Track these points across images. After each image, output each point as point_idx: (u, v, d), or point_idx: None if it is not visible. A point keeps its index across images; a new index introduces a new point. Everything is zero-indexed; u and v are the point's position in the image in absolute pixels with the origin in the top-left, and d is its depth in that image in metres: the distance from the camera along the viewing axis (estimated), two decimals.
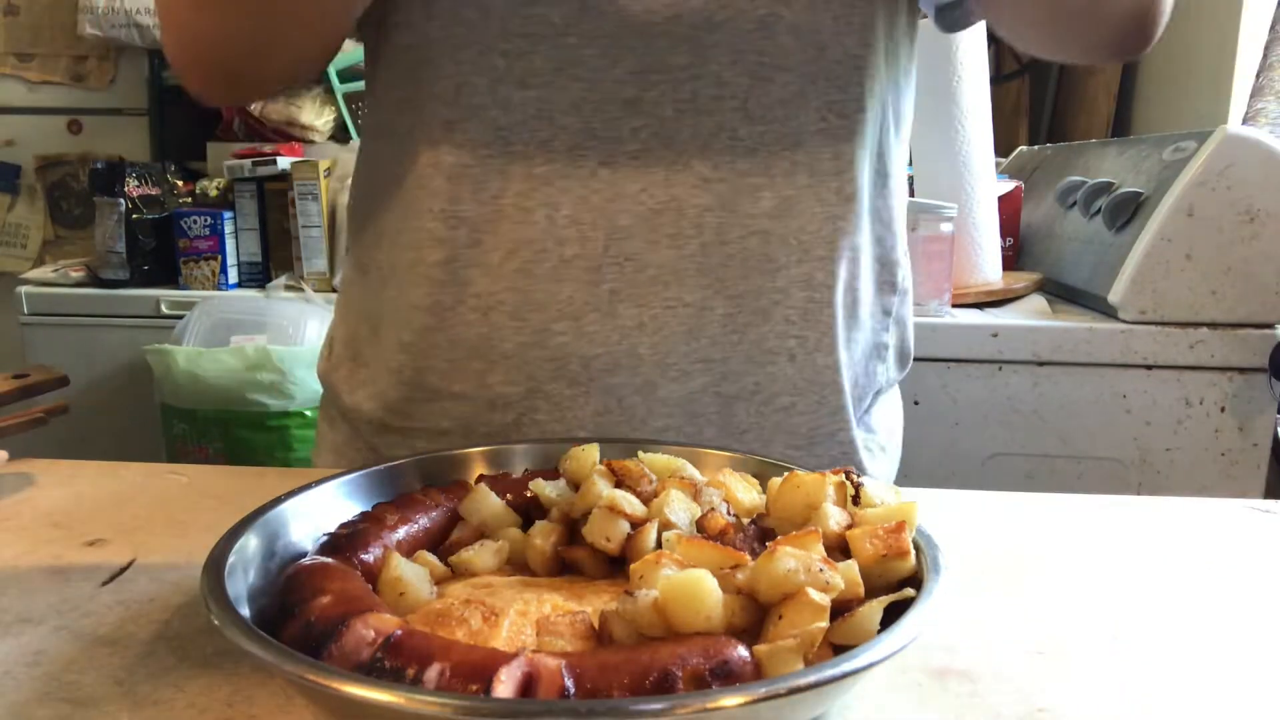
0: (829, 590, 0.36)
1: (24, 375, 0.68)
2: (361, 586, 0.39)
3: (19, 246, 2.88)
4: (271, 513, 0.44)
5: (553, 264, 0.66)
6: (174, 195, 2.22)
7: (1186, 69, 2.11)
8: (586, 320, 0.67)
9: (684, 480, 0.48)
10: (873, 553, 0.40)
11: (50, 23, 2.81)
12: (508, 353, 0.68)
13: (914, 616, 0.35)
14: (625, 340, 0.67)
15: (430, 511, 0.48)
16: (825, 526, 0.41)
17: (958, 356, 1.50)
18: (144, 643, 0.42)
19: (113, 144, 2.82)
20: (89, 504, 0.61)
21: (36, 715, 0.37)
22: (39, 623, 0.44)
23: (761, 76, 0.65)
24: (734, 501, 0.47)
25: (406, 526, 0.47)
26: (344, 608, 0.36)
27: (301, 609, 0.36)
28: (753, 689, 0.31)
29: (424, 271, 0.69)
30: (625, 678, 0.32)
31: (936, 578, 0.38)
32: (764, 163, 0.66)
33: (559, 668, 0.32)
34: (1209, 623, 0.51)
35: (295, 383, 1.83)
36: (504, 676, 0.31)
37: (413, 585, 0.41)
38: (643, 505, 0.45)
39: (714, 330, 0.68)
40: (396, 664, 0.33)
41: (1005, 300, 1.65)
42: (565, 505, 0.47)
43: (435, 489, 0.51)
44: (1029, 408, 1.48)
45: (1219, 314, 1.43)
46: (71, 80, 2.84)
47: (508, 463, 0.55)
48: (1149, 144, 1.61)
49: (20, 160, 2.85)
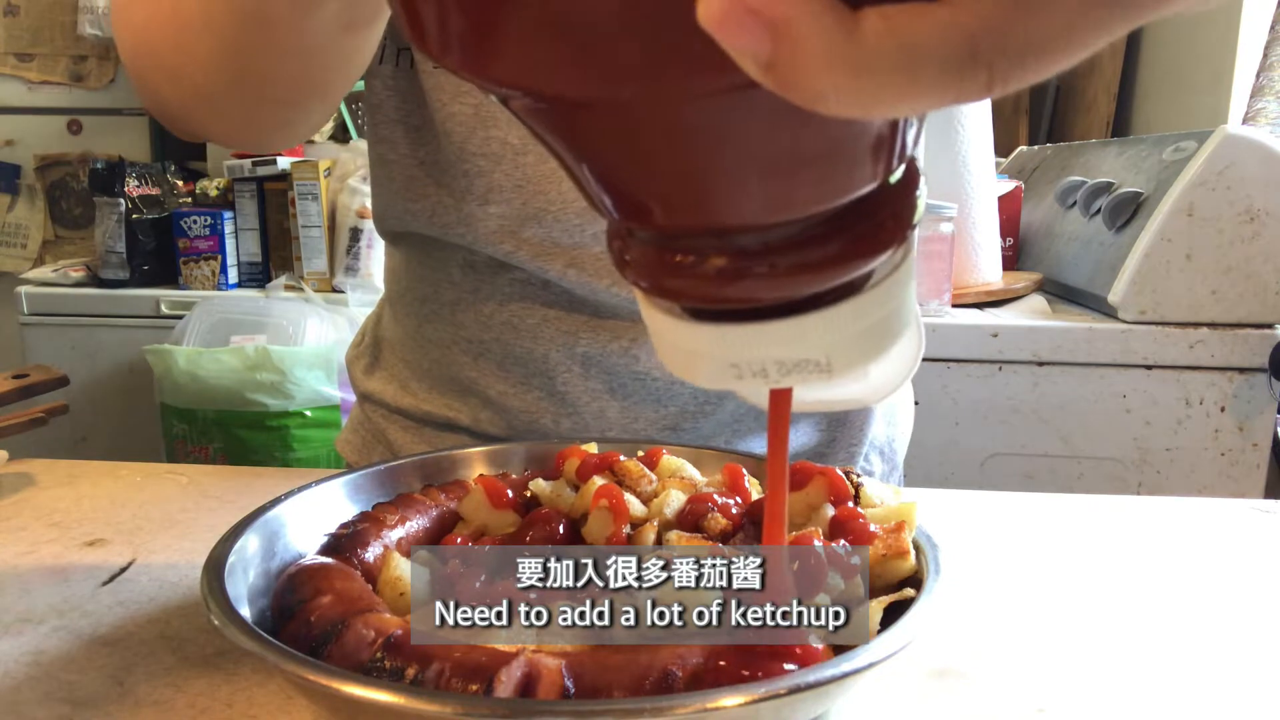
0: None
1: (24, 375, 0.68)
2: (361, 586, 0.39)
3: (19, 246, 2.88)
4: (271, 513, 0.44)
5: (536, 321, 0.67)
6: (174, 195, 2.22)
7: (1186, 69, 2.11)
8: (559, 380, 0.67)
9: (684, 480, 0.48)
10: (872, 553, 0.40)
11: (50, 23, 2.81)
12: (492, 399, 0.70)
13: (913, 617, 0.35)
14: (595, 402, 0.67)
15: (430, 511, 0.48)
16: (823, 526, 0.41)
17: (958, 356, 1.50)
18: (144, 643, 0.42)
19: (113, 144, 2.82)
20: (89, 504, 0.61)
21: (36, 715, 0.37)
22: (39, 623, 0.44)
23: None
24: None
25: (406, 526, 0.46)
26: (344, 608, 0.36)
27: (301, 609, 0.36)
28: (752, 688, 0.31)
29: (432, 308, 0.71)
30: (625, 677, 0.32)
31: (936, 577, 0.38)
32: None
33: (559, 668, 0.32)
34: (1209, 623, 0.51)
35: (295, 383, 1.83)
36: (504, 677, 0.32)
37: (413, 585, 0.41)
38: (643, 505, 0.45)
39: (683, 401, 0.68)
40: (396, 664, 0.33)
41: (1005, 300, 1.65)
42: (565, 505, 0.47)
43: (435, 488, 0.51)
44: (1029, 408, 1.48)
45: (1219, 314, 1.43)
46: (71, 80, 2.84)
47: (508, 463, 0.55)
48: (1149, 144, 1.61)
49: (20, 160, 2.85)
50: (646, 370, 0.67)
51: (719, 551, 0.38)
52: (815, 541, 0.37)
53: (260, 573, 0.41)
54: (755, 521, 0.44)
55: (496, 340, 0.68)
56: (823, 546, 0.37)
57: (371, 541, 0.44)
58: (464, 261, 0.68)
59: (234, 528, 0.42)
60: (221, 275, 2.10)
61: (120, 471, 0.67)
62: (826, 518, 0.41)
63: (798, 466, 0.44)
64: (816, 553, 0.36)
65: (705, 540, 0.41)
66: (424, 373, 0.73)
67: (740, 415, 0.69)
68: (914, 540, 0.41)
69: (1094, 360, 1.46)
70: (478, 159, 0.63)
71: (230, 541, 0.40)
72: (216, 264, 2.09)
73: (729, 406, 0.67)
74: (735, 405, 0.67)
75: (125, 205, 2.08)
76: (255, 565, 0.41)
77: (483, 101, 0.63)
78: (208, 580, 0.37)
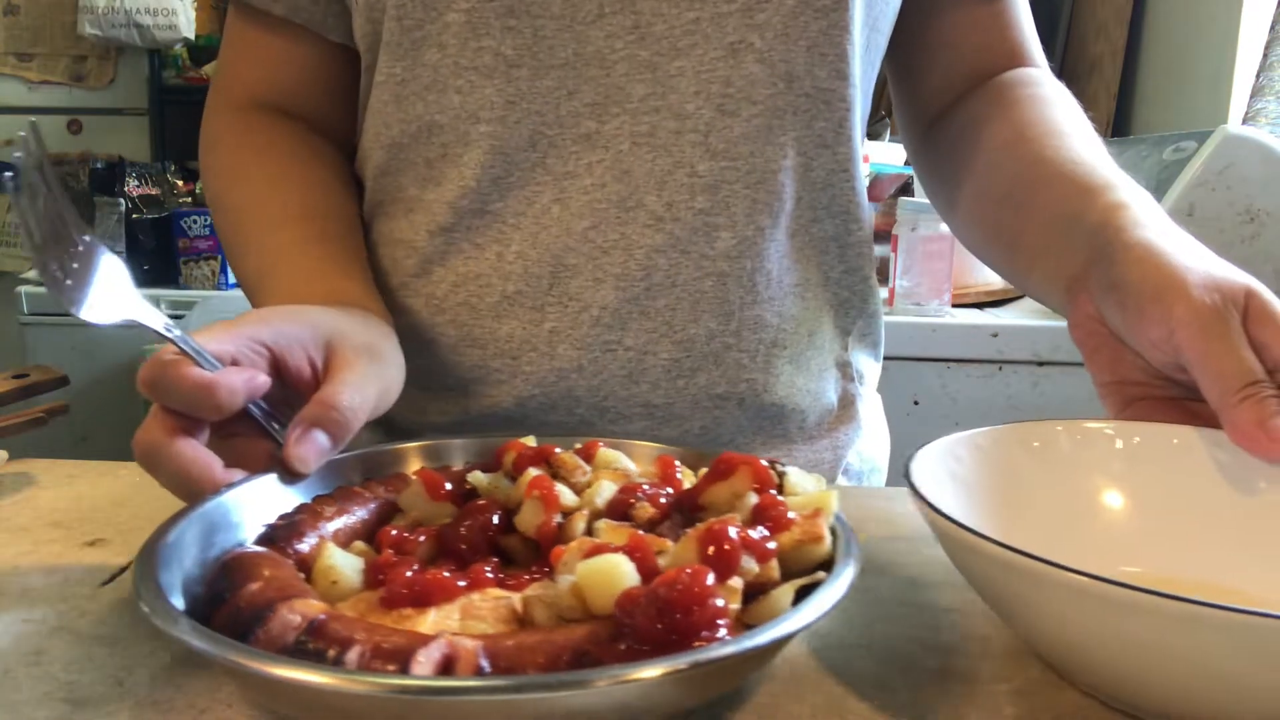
0: (743, 574, 0.38)
1: (24, 375, 0.68)
2: (291, 573, 0.40)
3: (19, 246, 2.88)
4: (210, 504, 0.45)
5: (495, 299, 0.65)
6: (174, 195, 2.22)
7: (1186, 69, 2.11)
8: (524, 360, 0.65)
9: (617, 471, 0.49)
10: (788, 538, 0.41)
11: (50, 23, 2.82)
12: (449, 384, 0.68)
13: (821, 597, 0.37)
14: (562, 382, 0.65)
15: (368, 503, 0.49)
16: (745, 514, 0.42)
17: (958, 356, 1.50)
18: (144, 642, 0.42)
19: (113, 144, 2.82)
20: (89, 504, 0.61)
21: (36, 715, 0.37)
22: (39, 623, 0.44)
23: (727, 110, 0.62)
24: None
25: (344, 518, 0.47)
26: (272, 594, 0.37)
27: (232, 595, 0.37)
28: (656, 664, 0.31)
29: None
30: (540, 657, 0.33)
31: (848, 562, 0.39)
32: (724, 201, 0.63)
33: (476, 649, 0.33)
34: None
35: None
36: (421, 657, 0.32)
37: (345, 574, 0.41)
38: (575, 496, 0.46)
39: (655, 375, 0.65)
40: (319, 646, 0.34)
41: (1005, 300, 1.65)
42: (502, 495, 0.48)
43: (374, 481, 0.51)
44: (1029, 408, 1.48)
45: None
46: (71, 80, 2.85)
47: (448, 457, 0.56)
48: (1149, 144, 1.62)
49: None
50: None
51: (641, 539, 0.39)
52: (730, 528, 0.38)
53: (197, 562, 0.42)
54: (683, 511, 0.45)
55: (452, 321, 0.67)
56: (737, 532, 0.38)
57: (307, 532, 0.45)
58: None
59: (171, 518, 0.43)
60: (221, 275, 2.10)
61: (120, 471, 0.67)
62: (750, 506, 0.43)
63: (724, 456, 0.45)
64: (731, 538, 0.38)
65: (632, 529, 0.42)
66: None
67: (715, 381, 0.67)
68: (832, 527, 0.42)
69: None
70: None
71: (167, 531, 0.41)
72: (216, 264, 2.09)
73: (700, 380, 0.66)
74: (707, 377, 0.66)
75: (125, 205, 2.08)
76: (192, 555, 0.42)
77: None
78: (140, 568, 0.38)
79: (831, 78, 0.64)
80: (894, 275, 1.59)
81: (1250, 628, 0.31)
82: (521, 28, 0.61)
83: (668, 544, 0.40)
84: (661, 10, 0.61)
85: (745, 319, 0.66)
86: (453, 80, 0.63)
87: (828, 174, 0.67)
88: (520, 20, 0.61)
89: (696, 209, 0.63)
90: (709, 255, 0.64)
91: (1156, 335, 0.50)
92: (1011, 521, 0.47)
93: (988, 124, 0.70)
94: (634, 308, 0.64)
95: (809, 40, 0.62)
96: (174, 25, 2.63)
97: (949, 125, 0.76)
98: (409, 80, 0.64)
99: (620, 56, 0.61)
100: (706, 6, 0.61)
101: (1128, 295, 0.52)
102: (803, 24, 0.62)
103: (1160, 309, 0.50)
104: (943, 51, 0.76)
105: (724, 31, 0.61)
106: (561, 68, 0.62)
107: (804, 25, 0.62)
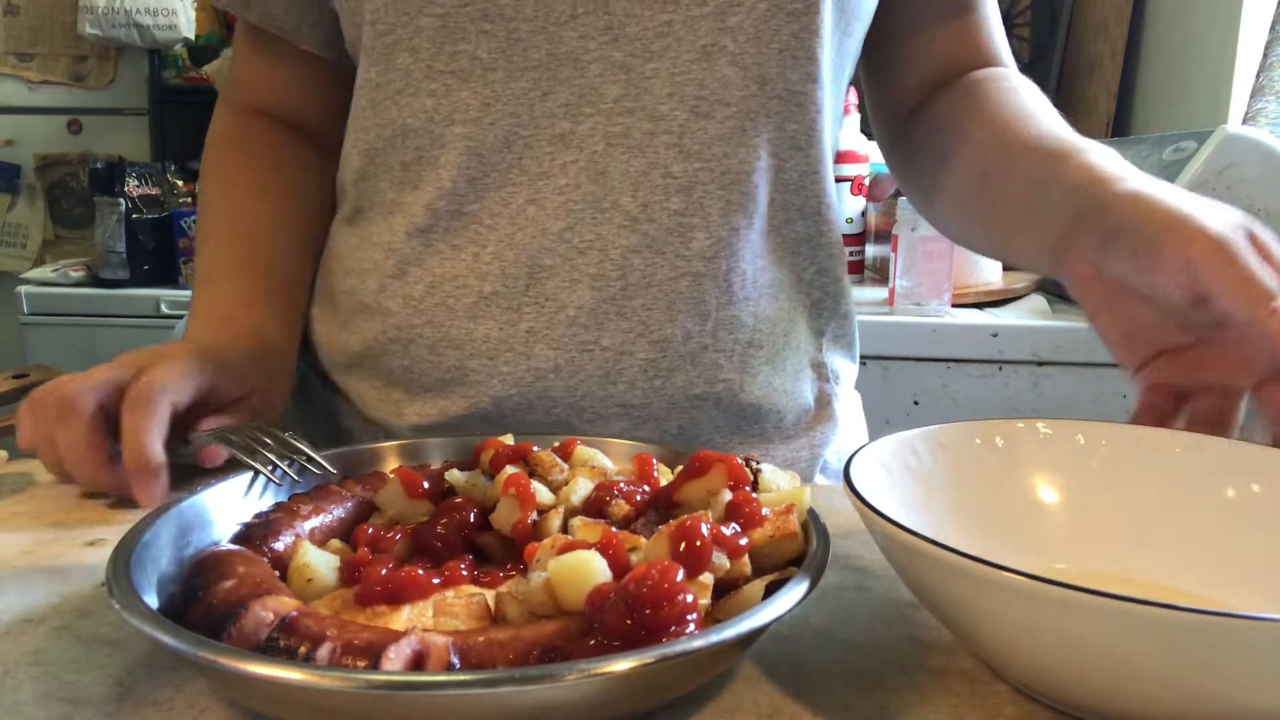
0: (714, 570, 0.38)
1: (24, 375, 0.69)
2: (265, 571, 0.40)
3: (19, 246, 2.89)
4: (187, 503, 0.45)
5: (472, 300, 0.65)
6: (174, 195, 2.22)
7: (1186, 69, 2.11)
8: (501, 360, 0.65)
9: (594, 469, 0.49)
10: (761, 534, 0.41)
11: (50, 23, 2.82)
12: (428, 385, 0.68)
13: (790, 592, 0.37)
14: (539, 382, 0.65)
15: (345, 502, 0.49)
16: (719, 511, 0.42)
17: (958, 356, 1.50)
18: (144, 643, 0.42)
19: (113, 144, 2.82)
20: (89, 504, 0.61)
21: (36, 715, 0.37)
22: (39, 623, 0.44)
23: (700, 112, 0.63)
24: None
25: (321, 516, 0.47)
26: (245, 591, 0.37)
27: (205, 593, 0.37)
28: (625, 658, 0.32)
29: (360, 298, 0.70)
30: (510, 653, 0.33)
31: (818, 558, 0.40)
32: (699, 202, 0.64)
33: (446, 645, 0.33)
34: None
35: None
36: (392, 653, 0.33)
37: (320, 572, 0.42)
38: (551, 493, 0.47)
39: (632, 375, 0.65)
40: (290, 643, 0.34)
41: (1005, 300, 1.65)
42: (479, 493, 0.48)
43: (352, 480, 0.52)
44: (1029, 408, 1.48)
45: None
46: (71, 80, 2.85)
47: (426, 456, 0.56)
48: (1149, 144, 1.62)
49: (20, 160, 2.85)
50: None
51: (613, 536, 0.40)
52: (702, 524, 0.38)
53: (173, 560, 0.42)
54: (658, 508, 0.45)
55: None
56: (709, 528, 0.38)
57: (283, 531, 0.45)
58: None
59: (147, 517, 0.43)
60: None
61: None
62: (724, 503, 0.43)
63: (700, 454, 0.45)
64: (702, 534, 0.38)
65: (606, 526, 0.42)
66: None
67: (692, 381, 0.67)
68: (804, 524, 0.43)
69: (1094, 360, 1.46)
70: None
71: (142, 530, 0.41)
72: None
73: (677, 380, 0.67)
74: (684, 377, 0.67)
75: (125, 205, 2.08)
76: (168, 554, 0.42)
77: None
78: (114, 566, 0.38)
79: (803, 80, 0.64)
80: (894, 275, 1.59)
81: (1174, 624, 0.30)
82: (496, 31, 0.62)
83: (641, 541, 0.40)
84: (635, 12, 0.61)
85: (721, 319, 0.66)
86: (425, 84, 0.63)
87: (800, 176, 0.67)
88: (494, 24, 0.61)
89: (671, 210, 0.64)
90: (684, 255, 0.64)
91: (1173, 267, 0.51)
92: (955, 516, 0.47)
93: (960, 115, 0.73)
94: (610, 308, 0.64)
95: (780, 43, 0.63)
96: (174, 25, 2.63)
97: (921, 121, 0.77)
98: (383, 85, 0.65)
99: (594, 57, 0.62)
100: (679, 9, 0.61)
101: (1136, 238, 0.53)
102: (774, 27, 0.62)
103: (1175, 241, 0.51)
104: (917, 58, 0.78)
105: (697, 34, 0.62)
106: (536, 69, 0.62)
107: (775, 29, 0.62)
